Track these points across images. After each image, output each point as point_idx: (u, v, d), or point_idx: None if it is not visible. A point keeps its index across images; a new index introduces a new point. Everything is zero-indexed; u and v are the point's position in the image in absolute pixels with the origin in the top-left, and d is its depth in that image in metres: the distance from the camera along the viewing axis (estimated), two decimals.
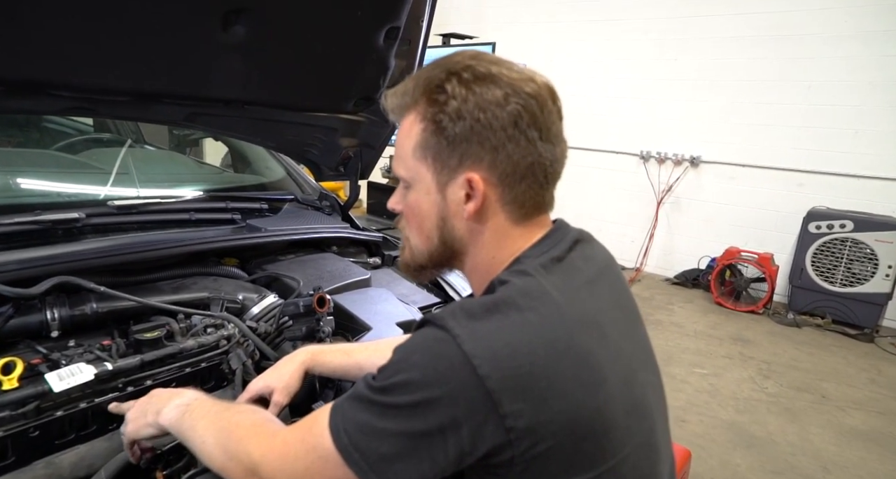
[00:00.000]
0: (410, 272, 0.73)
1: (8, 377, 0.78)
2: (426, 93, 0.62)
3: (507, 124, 0.59)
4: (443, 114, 0.60)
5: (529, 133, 0.60)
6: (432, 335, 0.54)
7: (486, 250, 0.65)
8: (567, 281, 0.61)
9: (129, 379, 0.89)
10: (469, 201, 0.62)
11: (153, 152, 1.86)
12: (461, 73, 0.60)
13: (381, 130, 1.61)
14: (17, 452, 0.76)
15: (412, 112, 0.64)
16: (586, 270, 0.65)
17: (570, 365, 0.54)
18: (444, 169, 0.63)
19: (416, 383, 0.52)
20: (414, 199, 0.66)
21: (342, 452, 0.53)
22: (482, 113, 0.59)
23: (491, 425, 0.51)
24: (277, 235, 1.36)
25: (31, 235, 1.04)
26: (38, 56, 0.91)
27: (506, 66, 0.62)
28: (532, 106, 0.60)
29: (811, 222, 3.86)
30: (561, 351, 0.54)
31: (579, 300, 0.60)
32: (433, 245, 0.67)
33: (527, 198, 0.63)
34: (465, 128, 0.60)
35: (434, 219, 0.65)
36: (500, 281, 0.60)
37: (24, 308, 0.90)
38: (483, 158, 0.60)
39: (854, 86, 3.83)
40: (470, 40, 4.30)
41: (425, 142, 0.63)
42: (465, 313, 0.54)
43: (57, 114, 1.39)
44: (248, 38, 1.08)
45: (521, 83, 0.61)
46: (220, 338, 1.03)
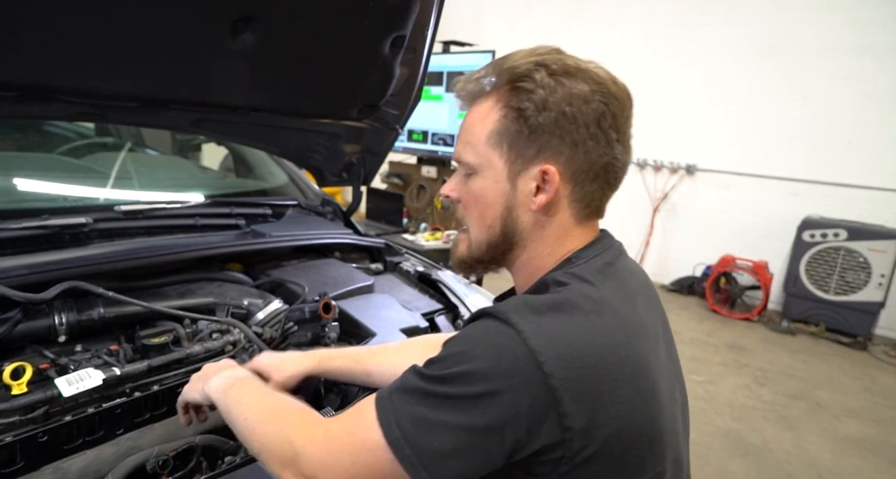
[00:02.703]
0: (465, 267, 0.71)
1: (17, 382, 0.78)
2: (510, 80, 0.61)
3: (590, 121, 0.59)
4: (528, 102, 0.60)
5: (609, 134, 0.60)
6: (495, 328, 0.53)
7: (544, 245, 0.65)
8: (620, 290, 0.61)
9: (136, 384, 0.90)
10: (539, 194, 0.62)
11: (156, 157, 1.86)
12: (550, 65, 0.60)
13: (385, 137, 1.62)
14: (25, 457, 0.76)
15: (490, 98, 0.63)
16: (632, 282, 0.65)
17: (629, 373, 0.54)
18: (518, 158, 0.62)
19: (479, 375, 0.50)
20: (479, 186, 0.65)
21: (393, 446, 0.51)
22: (568, 106, 0.59)
23: (549, 422, 0.50)
24: (282, 240, 1.36)
25: (39, 239, 1.05)
26: (48, 62, 0.92)
27: (591, 63, 0.63)
28: (615, 106, 0.61)
29: (805, 231, 3.91)
30: (622, 358, 0.54)
31: (634, 311, 0.60)
32: (494, 235, 0.66)
33: (593, 198, 0.63)
34: (549, 119, 0.59)
35: (499, 208, 0.64)
36: (555, 281, 0.59)
37: (31, 313, 0.90)
38: (562, 151, 0.60)
39: (848, 96, 3.89)
40: (470, 48, 4.34)
41: (504, 129, 0.62)
42: (530, 309, 0.54)
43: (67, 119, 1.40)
44: (256, 45, 1.09)
45: (606, 82, 0.61)
46: (226, 343, 1.03)
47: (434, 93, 4.00)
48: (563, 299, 0.56)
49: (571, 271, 0.60)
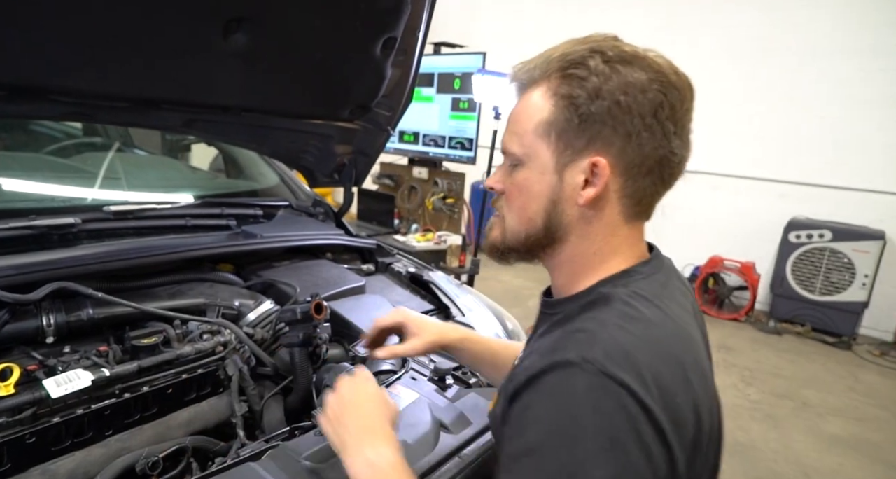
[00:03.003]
0: (496, 254, 0.68)
1: (4, 384, 0.77)
2: (562, 68, 0.58)
3: (646, 112, 0.55)
4: (580, 90, 0.56)
5: (666, 125, 0.56)
6: (598, 383, 0.48)
7: (589, 243, 0.61)
8: (681, 315, 0.60)
9: (126, 385, 0.89)
10: (587, 187, 0.58)
11: (146, 157, 1.85)
12: (606, 52, 0.57)
13: (376, 138, 1.63)
14: (13, 459, 0.75)
15: (540, 87, 0.60)
16: (686, 303, 0.63)
17: (706, 406, 0.55)
18: (567, 149, 0.58)
19: (598, 447, 0.46)
20: (523, 177, 0.62)
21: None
22: (623, 95, 0.55)
23: (665, 465, 0.48)
24: (273, 241, 1.36)
25: (27, 240, 1.04)
26: (38, 61, 0.91)
27: (651, 51, 0.59)
28: (674, 97, 0.57)
29: (791, 232, 3.97)
30: (700, 390, 0.54)
31: (695, 338, 0.60)
32: (535, 228, 0.62)
33: (645, 194, 0.60)
34: (602, 108, 0.55)
35: (543, 201, 0.61)
36: (623, 301, 0.56)
37: (19, 314, 0.89)
38: (614, 143, 0.56)
39: (835, 99, 3.96)
40: (461, 49, 4.35)
41: (553, 119, 0.58)
42: (621, 354, 0.50)
43: (56, 119, 1.38)
44: (248, 46, 1.09)
45: (666, 71, 0.57)
46: (217, 344, 1.03)
47: (425, 94, 4.00)
48: (647, 333, 0.53)
49: (639, 293, 0.57)
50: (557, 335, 0.56)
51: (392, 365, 1.09)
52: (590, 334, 0.53)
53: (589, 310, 0.57)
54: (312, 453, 0.78)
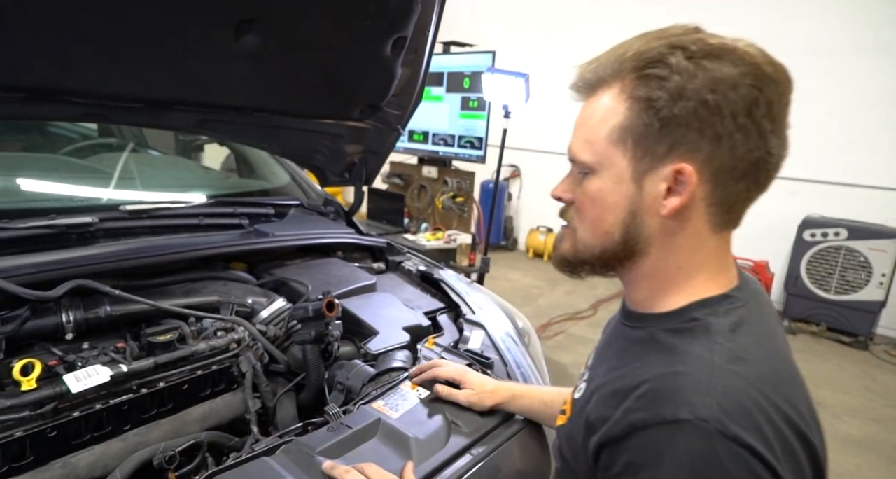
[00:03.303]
0: (567, 267, 0.63)
1: (27, 379, 0.79)
2: (638, 67, 0.52)
3: (738, 110, 0.50)
4: (661, 91, 0.51)
5: (762, 124, 0.51)
6: (722, 447, 0.44)
7: (673, 256, 0.56)
8: (785, 350, 0.57)
9: (143, 381, 0.91)
10: (670, 196, 0.53)
11: (160, 157, 1.88)
12: (689, 46, 0.51)
13: (386, 138, 1.63)
14: (35, 452, 0.77)
15: (612, 88, 0.54)
16: (780, 330, 0.60)
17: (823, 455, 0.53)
18: (646, 156, 0.53)
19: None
20: (597, 188, 0.56)
21: None
22: (711, 93, 0.49)
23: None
24: (285, 240, 1.37)
25: (46, 239, 1.06)
26: (54, 64, 0.93)
27: (741, 41, 0.53)
28: (771, 91, 0.51)
29: (806, 230, 3.91)
30: (819, 438, 0.52)
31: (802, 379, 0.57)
32: (612, 242, 0.57)
33: (737, 201, 0.54)
34: (687, 109, 0.50)
35: (621, 212, 0.55)
36: (725, 336, 0.52)
37: (39, 311, 0.91)
38: (701, 147, 0.51)
39: (848, 95, 3.90)
40: (471, 48, 4.35)
41: (629, 123, 0.53)
42: (740, 410, 0.46)
43: (72, 120, 1.41)
44: (260, 46, 1.10)
45: (760, 63, 0.51)
46: (231, 341, 1.04)
47: (435, 93, 4.01)
48: (760, 378, 0.49)
49: (742, 326, 0.53)
50: (652, 366, 0.52)
51: (403, 363, 1.10)
52: (695, 380, 0.48)
53: (685, 339, 0.53)
54: (326, 448, 0.79)
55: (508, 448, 0.88)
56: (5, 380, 0.81)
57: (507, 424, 0.94)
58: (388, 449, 0.83)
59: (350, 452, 0.81)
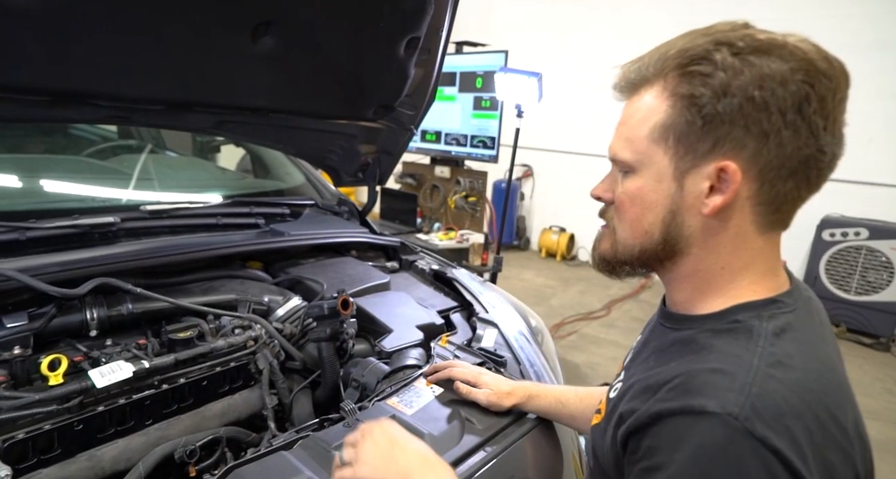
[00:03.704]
0: (605, 268, 0.63)
1: (54, 373, 0.81)
2: (681, 64, 0.52)
3: (787, 107, 0.48)
4: (704, 88, 0.50)
5: (814, 121, 0.49)
6: (748, 448, 0.43)
7: (715, 257, 0.55)
8: (833, 359, 0.55)
9: (164, 377, 0.93)
10: (713, 194, 0.52)
11: (178, 159, 1.91)
12: (735, 42, 0.50)
13: (400, 137, 1.65)
14: (62, 444, 0.79)
15: (654, 86, 0.54)
16: (830, 339, 0.58)
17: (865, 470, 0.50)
18: (688, 154, 0.52)
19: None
20: (637, 186, 0.56)
21: None
22: (758, 90, 0.48)
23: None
24: (300, 239, 1.39)
25: (71, 238, 1.09)
26: (80, 68, 0.96)
27: (792, 36, 0.51)
28: (823, 87, 0.49)
29: (825, 230, 3.84)
30: (850, 450, 0.49)
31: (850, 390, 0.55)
32: (651, 241, 0.56)
33: (785, 200, 0.52)
34: (732, 106, 0.49)
35: (661, 211, 0.55)
36: (769, 341, 0.50)
37: (65, 308, 0.94)
38: (746, 144, 0.50)
39: (868, 93, 3.82)
40: (483, 48, 4.35)
41: (671, 120, 0.52)
42: (773, 411, 0.45)
43: (96, 122, 1.45)
44: (276, 48, 1.12)
45: (812, 58, 0.49)
46: (248, 339, 1.06)
47: (447, 93, 4.01)
48: (801, 385, 0.47)
49: (786, 329, 0.51)
50: (687, 363, 0.51)
51: (417, 360, 1.11)
52: (731, 378, 0.47)
53: (725, 340, 0.52)
54: (342, 443, 0.80)
55: (521, 446, 0.89)
56: (33, 375, 0.84)
57: (520, 422, 0.94)
58: None
59: None
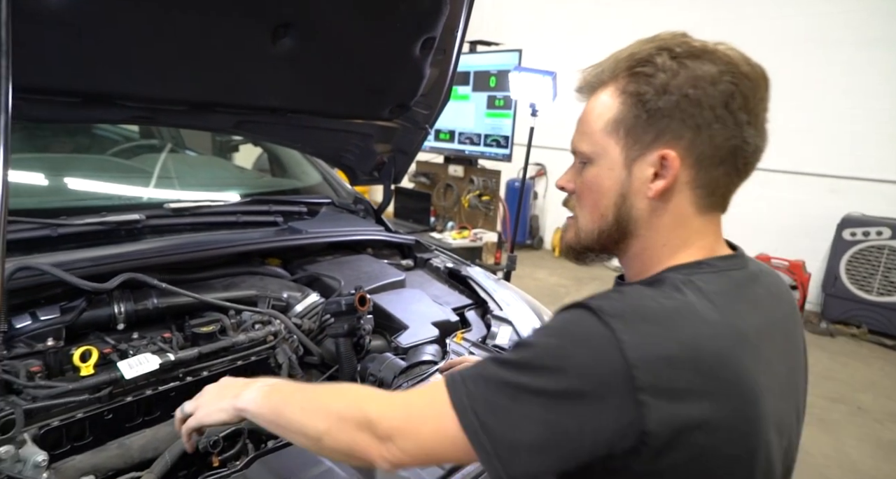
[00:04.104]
0: (572, 254, 0.69)
1: (85, 365, 0.85)
2: (630, 66, 0.59)
3: (716, 103, 0.56)
4: (648, 86, 0.57)
5: (739, 115, 0.57)
6: (596, 330, 0.50)
7: (658, 235, 0.61)
8: (746, 311, 0.57)
9: (188, 369, 0.96)
10: (657, 180, 0.59)
11: (199, 158, 1.96)
12: (674, 48, 0.58)
13: (415, 137, 1.66)
14: (93, 432, 0.83)
15: (609, 87, 0.62)
16: (768, 310, 0.61)
17: (728, 401, 0.51)
18: (636, 144, 0.59)
19: (572, 374, 0.49)
20: (593, 175, 0.63)
21: (468, 432, 0.50)
22: (692, 89, 0.56)
23: (631, 435, 0.49)
24: (318, 236, 1.42)
25: (99, 234, 1.13)
26: (108, 71, 0.99)
27: (722, 44, 0.59)
28: (746, 87, 0.57)
29: (846, 229, 3.77)
30: (723, 389, 0.51)
31: (757, 338, 0.56)
32: (606, 223, 0.63)
33: (718, 185, 0.60)
34: (671, 102, 0.56)
35: (613, 196, 0.62)
36: (675, 286, 0.56)
37: (94, 302, 0.97)
38: (683, 135, 0.57)
39: (889, 90, 3.74)
40: (497, 47, 4.35)
41: (621, 115, 0.60)
42: (638, 317, 0.51)
43: (123, 122, 1.50)
44: (295, 50, 1.14)
45: (738, 62, 0.57)
46: (268, 333, 1.09)
47: (461, 92, 4.03)
48: (675, 311, 0.53)
49: (694, 281, 0.56)
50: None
51: (433, 356, 1.12)
52: (621, 295, 0.54)
53: (640, 286, 0.59)
54: None
55: None
56: (65, 366, 0.88)
57: None
58: None
59: None
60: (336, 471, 0.76)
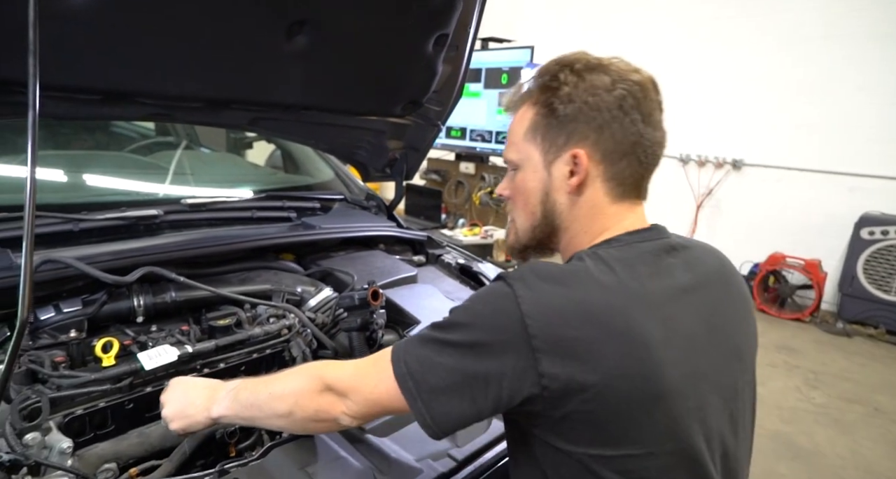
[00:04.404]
0: (516, 255, 0.79)
1: (107, 355, 0.87)
2: (540, 83, 0.70)
3: (612, 106, 0.66)
4: (555, 98, 0.68)
5: (632, 115, 0.66)
6: (500, 290, 0.60)
7: (580, 224, 0.70)
8: (647, 275, 0.63)
9: (205, 362, 0.98)
10: (573, 176, 0.69)
11: (214, 155, 1.98)
12: (573, 65, 0.69)
13: (427, 133, 1.67)
14: (115, 421, 0.85)
15: (527, 102, 0.72)
16: (681, 277, 0.66)
17: (618, 346, 0.56)
18: (552, 147, 0.69)
19: (476, 327, 0.59)
20: (521, 178, 0.73)
21: (398, 379, 0.61)
22: (591, 96, 0.66)
23: (529, 379, 0.56)
24: (331, 232, 1.43)
25: (118, 229, 1.15)
26: (128, 69, 1.01)
27: (615, 59, 0.70)
28: (636, 91, 0.67)
29: (864, 228, 3.71)
30: (612, 337, 0.56)
31: (657, 296, 0.61)
32: (536, 220, 0.73)
33: (626, 175, 0.69)
34: (575, 109, 0.67)
35: (539, 194, 0.72)
36: (578, 256, 0.65)
37: (114, 295, 0.99)
38: (588, 136, 0.67)
39: None
40: (509, 43, 4.34)
41: (536, 124, 0.70)
42: (536, 276, 0.60)
43: (141, 119, 1.52)
44: (309, 47, 1.15)
45: (627, 72, 0.68)
46: (283, 327, 1.10)
47: (472, 89, 4.02)
48: (570, 272, 0.61)
49: (598, 252, 0.65)
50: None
51: None
52: (529, 265, 0.64)
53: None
54: (374, 426, 0.83)
55: None
56: (87, 357, 0.90)
57: None
58: None
59: (396, 431, 0.85)
60: (349, 460, 0.78)
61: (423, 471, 0.77)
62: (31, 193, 0.51)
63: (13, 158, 1.32)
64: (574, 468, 0.59)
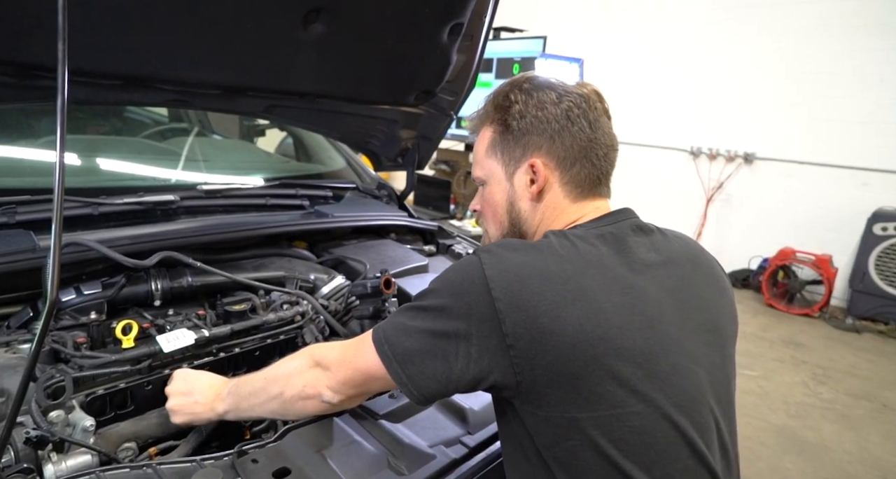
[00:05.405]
0: None
1: (126, 338, 0.89)
2: (495, 104, 0.78)
3: (560, 117, 0.73)
4: (508, 115, 0.76)
5: (580, 123, 0.74)
6: (469, 260, 0.66)
7: (545, 225, 0.76)
8: (608, 251, 0.67)
9: (221, 346, 1.00)
10: (533, 185, 0.75)
11: (227, 142, 1.99)
12: (522, 84, 0.77)
13: (439, 123, 1.66)
14: (134, 401, 0.87)
15: (486, 123, 0.80)
16: (645, 254, 0.70)
17: (575, 309, 0.60)
18: (511, 160, 0.76)
19: (444, 292, 0.65)
20: (489, 192, 0.80)
21: (376, 345, 0.67)
22: (540, 111, 0.74)
23: (495, 339, 0.61)
24: (343, 221, 1.44)
25: (136, 214, 1.17)
26: (147, 55, 1.01)
27: (559, 78, 0.79)
28: (581, 103, 0.74)
29: (877, 224, 3.67)
30: (570, 300, 0.61)
31: (618, 267, 0.66)
32: (505, 229, 0.80)
33: (582, 177, 0.75)
34: (527, 123, 0.74)
35: (505, 205, 0.78)
36: (545, 235, 0.70)
37: (133, 279, 1.01)
38: (542, 146, 0.74)
39: None
40: (521, 33, 4.29)
41: (495, 140, 0.78)
42: (501, 248, 0.66)
43: (160, 105, 1.53)
44: (325, 34, 1.15)
45: (571, 88, 0.76)
46: (296, 313, 1.12)
47: (483, 80, 4.00)
48: (534, 245, 0.67)
49: (563, 231, 0.70)
50: None
51: None
52: (501, 240, 0.72)
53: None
54: (387, 412, 0.85)
55: None
56: (107, 339, 0.92)
57: None
58: (445, 418, 0.88)
59: (410, 418, 0.86)
60: (364, 444, 0.79)
61: (435, 456, 0.78)
62: (59, 176, 0.52)
63: (31, 142, 1.33)
64: (556, 433, 0.61)
